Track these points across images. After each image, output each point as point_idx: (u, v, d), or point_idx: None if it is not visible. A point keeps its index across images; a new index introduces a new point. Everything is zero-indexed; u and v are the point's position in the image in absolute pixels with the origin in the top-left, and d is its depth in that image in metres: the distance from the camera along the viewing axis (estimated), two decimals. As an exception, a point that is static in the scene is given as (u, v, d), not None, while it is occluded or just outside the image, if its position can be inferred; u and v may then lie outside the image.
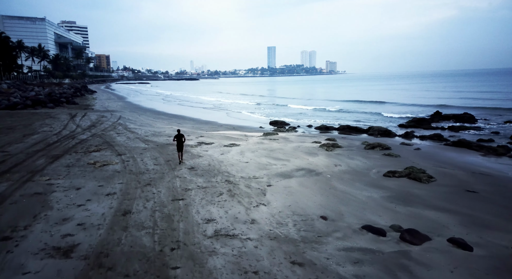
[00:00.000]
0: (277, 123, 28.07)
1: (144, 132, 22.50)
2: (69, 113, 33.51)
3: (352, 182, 11.61)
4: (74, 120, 27.96)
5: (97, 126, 25.09)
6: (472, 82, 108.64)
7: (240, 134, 22.15)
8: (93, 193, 10.45)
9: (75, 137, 20.12)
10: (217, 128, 25.60)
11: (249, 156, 15.48)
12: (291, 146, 17.84)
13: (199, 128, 25.30)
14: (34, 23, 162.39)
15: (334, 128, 24.81)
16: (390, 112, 35.71)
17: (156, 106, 46.46)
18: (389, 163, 14.18)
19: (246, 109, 42.61)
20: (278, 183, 11.44)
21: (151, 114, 35.15)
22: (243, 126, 27.07)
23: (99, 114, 33.55)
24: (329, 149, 16.65)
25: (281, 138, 20.24)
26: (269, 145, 18.18)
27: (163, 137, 20.53)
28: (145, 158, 15.09)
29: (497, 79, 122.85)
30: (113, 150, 16.73)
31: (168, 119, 30.82)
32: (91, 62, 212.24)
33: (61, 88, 55.69)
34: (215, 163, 14.23)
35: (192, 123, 28.59)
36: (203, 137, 20.74)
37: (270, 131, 22.69)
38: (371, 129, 22.25)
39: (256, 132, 23.09)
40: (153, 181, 11.62)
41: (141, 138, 20.13)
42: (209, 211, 9.06)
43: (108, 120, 28.52)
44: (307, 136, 21.15)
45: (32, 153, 15.90)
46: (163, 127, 25.18)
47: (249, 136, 21.06)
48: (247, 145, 18.12)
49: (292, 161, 14.47)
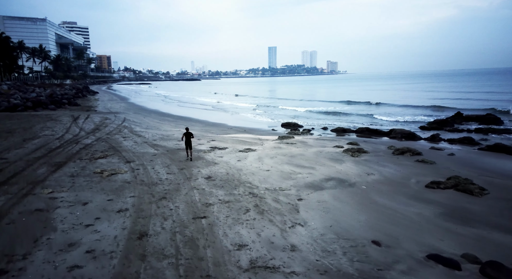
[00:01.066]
0: (289, 125, 26.77)
1: (151, 136, 21.23)
2: (71, 115, 32.27)
3: (393, 195, 10.30)
4: (77, 123, 26.70)
5: (101, 129, 23.83)
6: (481, 82, 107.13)
7: (253, 137, 20.86)
8: (102, 209, 9.17)
9: (79, 142, 18.85)
10: (227, 131, 24.31)
11: (269, 163, 14.18)
12: (312, 151, 16.53)
13: (208, 131, 24.02)
14: (35, 23, 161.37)
15: (352, 130, 23.49)
16: (402, 114, 34.42)
17: (160, 108, 45.21)
18: (425, 171, 12.87)
19: (252, 111, 41.32)
20: (309, 196, 10.14)
21: (156, 116, 33.89)
22: (254, 128, 25.77)
23: (103, 116, 32.30)
24: (354, 155, 15.34)
25: (299, 142, 18.93)
26: (287, 150, 16.87)
27: (172, 141, 19.25)
28: (156, 165, 13.80)
29: (502, 79, 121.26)
30: (120, 156, 15.45)
31: (174, 122, 29.55)
32: (92, 62, 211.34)
33: (62, 89, 54.48)
34: (233, 171, 12.93)
35: (200, 125, 27.30)
36: (215, 141, 19.45)
37: (285, 135, 21.39)
38: (393, 132, 20.92)
39: (270, 136, 21.79)
40: (169, 194, 10.33)
41: (149, 142, 18.85)
42: (238, 232, 7.77)
43: (113, 123, 27.26)
44: (325, 140, 19.83)
45: (33, 160, 14.63)
46: (171, 130, 23.91)
47: (263, 140, 19.76)
48: (263, 150, 16.82)
49: (318, 169, 13.17)
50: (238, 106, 48.52)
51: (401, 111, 36.81)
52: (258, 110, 41.04)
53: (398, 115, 33.22)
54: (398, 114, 34.08)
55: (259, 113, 38.41)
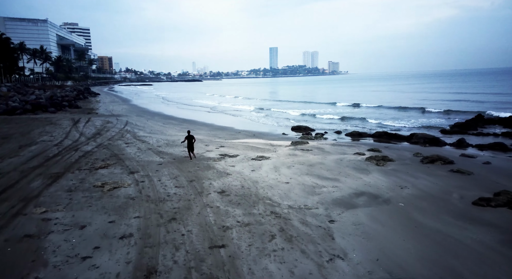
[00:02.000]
0: (300, 129, 25.42)
1: (156, 141, 19.91)
2: (71, 118, 31.01)
3: (438, 214, 8.93)
4: (77, 127, 25.42)
5: (103, 134, 22.53)
6: (488, 82, 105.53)
7: (264, 143, 19.51)
8: (103, 234, 7.84)
9: (79, 149, 17.55)
10: (236, 135, 22.97)
11: (287, 174, 12.83)
12: (331, 159, 15.16)
13: (216, 135, 22.68)
14: (36, 25, 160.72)
15: (368, 135, 22.11)
16: (415, 117, 33.07)
17: (164, 110, 43.93)
18: (464, 183, 11.48)
19: (258, 113, 39.98)
20: (342, 217, 8.78)
21: (159, 119, 32.60)
22: (264, 133, 24.42)
23: (104, 119, 31.03)
24: (380, 163, 13.97)
25: (315, 148, 17.57)
26: (304, 157, 15.51)
27: (178, 147, 17.92)
28: (163, 176, 12.47)
29: (506, 79, 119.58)
30: (123, 165, 14.13)
31: (179, 125, 28.24)
32: (93, 64, 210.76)
33: (63, 91, 53.26)
34: (249, 184, 11.58)
35: (207, 129, 25.98)
36: (224, 147, 18.11)
37: (298, 140, 20.03)
38: (414, 136, 19.52)
39: (282, 141, 20.43)
40: (179, 214, 9.00)
41: (154, 149, 17.53)
42: (266, 269, 6.42)
43: (114, 127, 25.97)
44: (343, 145, 18.46)
45: (28, 170, 13.34)
46: (176, 135, 22.59)
47: (276, 146, 18.41)
48: (278, 158, 15.47)
49: (343, 181, 11.80)
50: (243, 108, 47.20)
51: (413, 114, 35.41)
52: (264, 113, 39.71)
53: (409, 118, 31.84)
54: (409, 117, 32.69)
55: (265, 116, 37.09)
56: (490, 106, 36.87)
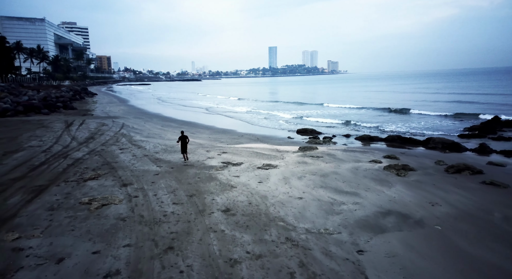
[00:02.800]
0: (306, 132, 24.00)
1: (153, 147, 18.49)
2: (65, 121, 29.54)
3: (483, 240, 7.53)
4: (69, 131, 23.97)
5: (96, 138, 21.09)
6: (495, 82, 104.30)
7: (270, 148, 18.09)
8: (83, 271, 6.42)
9: (68, 156, 16.11)
10: (239, 139, 21.55)
11: (299, 186, 11.42)
12: (346, 167, 13.76)
13: (217, 139, 21.26)
14: (33, 24, 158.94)
15: (380, 139, 20.69)
16: (425, 119, 31.72)
17: (162, 111, 42.47)
18: (503, 198, 10.09)
19: (259, 114, 38.56)
20: (371, 246, 7.37)
21: (158, 121, 31.16)
22: (268, 136, 23.00)
23: (99, 121, 29.58)
24: (400, 173, 12.57)
25: (325, 155, 16.16)
26: (315, 166, 14.11)
27: (177, 154, 16.51)
28: (160, 190, 11.06)
29: (509, 79, 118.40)
30: (115, 176, 12.72)
31: (178, 128, 26.79)
32: (92, 63, 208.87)
33: (58, 92, 51.69)
34: (257, 199, 10.18)
35: (208, 132, 24.55)
36: (227, 153, 16.70)
37: (306, 145, 18.63)
38: (431, 141, 18.11)
39: (289, 146, 19.01)
40: (177, 240, 7.59)
41: (151, 156, 16.10)
42: (289, 324, 5.01)
43: (110, 130, 24.53)
44: (355, 151, 17.05)
45: (8, 182, 11.91)
46: (175, 139, 21.17)
47: (283, 152, 16.99)
48: (287, 166, 14.06)
49: (364, 196, 10.40)
50: (243, 110, 45.77)
51: (419, 116, 34.03)
52: (266, 115, 38.27)
53: (418, 121, 30.48)
54: (417, 120, 31.33)
55: (267, 117, 35.66)
56: (497, 108, 35.51)
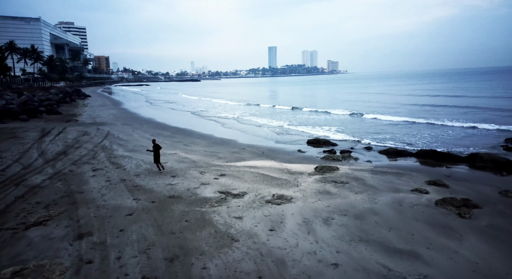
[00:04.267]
0: (318, 143, 20.56)
1: (135, 166, 15.06)
2: (42, 129, 26.08)
3: None
4: (42, 142, 20.53)
5: (70, 153, 17.65)
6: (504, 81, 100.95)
7: (279, 168, 14.64)
8: None
9: (23, 182, 12.66)
10: (240, 153, 18.09)
11: (328, 239, 7.99)
12: (384, 201, 10.34)
13: (215, 154, 17.80)
14: (28, 23, 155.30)
15: (410, 153, 17.22)
16: (442, 128, 28.35)
17: (156, 116, 38.99)
18: None
19: (262, 121, 35.13)
20: None
21: (149, 128, 27.70)
22: (274, 149, 19.54)
23: (82, 129, 26.13)
24: (464, 213, 9.16)
25: (352, 179, 12.71)
26: (343, 198, 10.68)
27: (164, 178, 13.10)
28: (128, 246, 7.64)
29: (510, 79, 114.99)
30: (73, 218, 9.29)
31: (171, 137, 23.36)
32: (89, 64, 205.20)
33: (45, 94, 48.18)
34: (270, 267, 6.75)
35: (204, 144, 21.09)
36: (226, 176, 13.26)
37: (323, 164, 15.17)
38: (477, 158, 14.63)
39: (301, 164, 15.55)
40: None
41: (129, 181, 12.67)
42: None
43: (90, 141, 21.10)
44: (387, 173, 13.59)
45: None
46: (164, 153, 17.74)
47: (296, 175, 13.54)
48: (305, 199, 10.63)
49: (429, 259, 6.95)
50: (243, 115, 42.38)
51: (439, 127, 30.58)
52: (269, 121, 34.84)
53: (437, 130, 27.07)
54: (437, 129, 27.91)
55: (271, 125, 32.19)
56: None
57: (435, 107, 39.23)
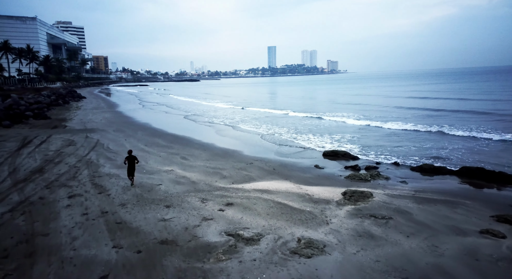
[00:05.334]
0: (337, 156, 17.89)
1: (122, 189, 12.37)
2: (23, 137, 23.35)
3: None
4: (18, 155, 17.82)
5: (47, 170, 14.95)
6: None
7: (298, 193, 11.96)
8: None
9: (-24, 216, 9.97)
10: (248, 170, 15.39)
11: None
12: (452, 252, 7.66)
13: (217, 171, 15.09)
14: (24, 22, 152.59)
15: (450, 171, 14.53)
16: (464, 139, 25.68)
17: (152, 120, 36.28)
18: None
19: (265, 125, 32.48)
20: None
21: (143, 136, 25.00)
22: (287, 163, 16.84)
23: (68, 138, 23.41)
24: None
25: (394, 211, 10.03)
26: (394, 246, 8.00)
27: (156, 209, 10.42)
28: None
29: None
30: (23, 283, 6.60)
31: (167, 148, 20.67)
32: (87, 64, 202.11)
33: (36, 96, 45.40)
34: None
35: (205, 156, 18.40)
36: (233, 206, 10.57)
37: (353, 188, 12.47)
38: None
39: (325, 187, 12.85)
40: None
41: (111, 214, 9.98)
42: None
43: (74, 154, 18.41)
44: (437, 202, 10.89)
45: None
46: (158, 170, 15.07)
47: (322, 204, 10.86)
48: (343, 248, 7.96)
49: None
50: (246, 119, 39.74)
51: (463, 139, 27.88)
52: (274, 127, 32.19)
53: (465, 141, 24.43)
54: (462, 140, 25.27)
55: (277, 132, 29.55)
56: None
57: (454, 113, 36.11)
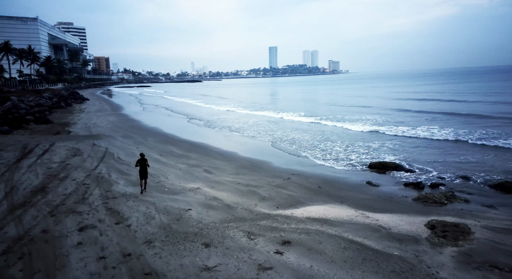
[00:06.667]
0: (386, 167, 15.39)
1: (144, 218, 9.91)
2: (23, 145, 20.92)
3: None
4: (16, 169, 15.39)
5: (51, 190, 12.51)
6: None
7: (368, 225, 9.48)
8: None
9: (-43, 263, 7.52)
10: (288, 188, 12.92)
11: None
12: None
13: (252, 188, 12.60)
14: (25, 23, 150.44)
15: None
16: None
17: (160, 124, 33.87)
18: None
19: (282, 130, 30.04)
20: None
21: (155, 143, 22.57)
22: (331, 180, 14.37)
23: (73, 146, 20.99)
24: None
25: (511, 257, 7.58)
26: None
27: (193, 249, 7.99)
28: None
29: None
30: None
31: (185, 158, 18.24)
32: (88, 64, 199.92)
33: (37, 98, 43.03)
34: None
35: (231, 168, 15.94)
36: (293, 247, 8.11)
37: (440, 220, 9.96)
38: None
39: (397, 215, 10.36)
40: None
41: (136, 259, 7.53)
42: None
43: (81, 167, 15.97)
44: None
45: None
46: (182, 188, 12.62)
47: (409, 244, 8.37)
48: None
49: None
50: (260, 122, 37.36)
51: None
52: (291, 132, 29.73)
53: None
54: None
55: (297, 137, 27.10)
56: None
57: (483, 119, 33.40)
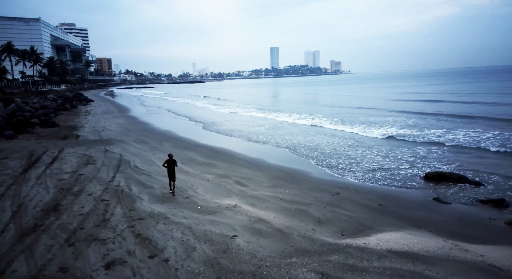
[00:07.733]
0: (447, 178, 13.39)
1: (182, 249, 7.95)
2: (30, 152, 19.05)
3: None
4: (23, 181, 13.51)
5: (65, 209, 10.61)
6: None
7: (473, 261, 7.50)
8: None
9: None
10: (341, 206, 10.99)
11: None
12: None
13: (299, 207, 10.68)
14: (27, 24, 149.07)
15: None
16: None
17: (173, 127, 32.00)
18: None
19: (302, 135, 28.10)
20: None
21: (172, 148, 20.64)
22: (389, 195, 12.41)
23: (84, 153, 19.12)
24: None
25: None
26: None
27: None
28: None
29: None
30: None
31: (209, 166, 16.31)
32: (91, 65, 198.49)
33: (42, 100, 41.25)
34: None
35: (263, 178, 14.02)
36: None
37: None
38: None
39: (497, 246, 8.44)
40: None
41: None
42: None
43: (96, 177, 14.08)
44: None
45: None
46: (218, 206, 10.71)
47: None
48: None
49: None
50: (280, 124, 35.52)
51: None
52: (313, 136, 27.82)
53: None
54: None
55: (321, 141, 25.21)
56: None
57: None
